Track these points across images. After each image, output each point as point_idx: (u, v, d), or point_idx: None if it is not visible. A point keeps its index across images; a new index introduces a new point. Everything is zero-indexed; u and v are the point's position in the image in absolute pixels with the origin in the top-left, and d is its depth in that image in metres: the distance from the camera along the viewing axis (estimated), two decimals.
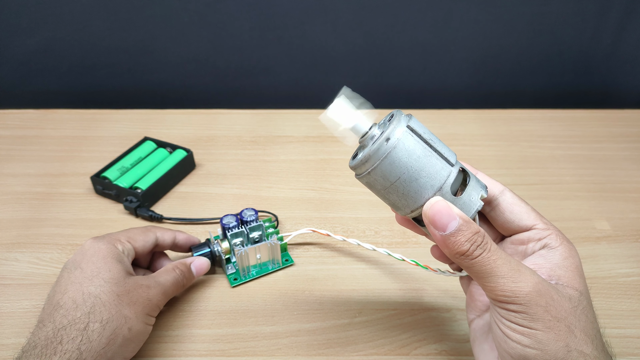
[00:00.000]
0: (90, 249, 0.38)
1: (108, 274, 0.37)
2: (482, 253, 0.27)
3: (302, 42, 0.71)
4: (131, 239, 0.41)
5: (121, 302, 0.36)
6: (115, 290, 0.36)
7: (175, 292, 0.41)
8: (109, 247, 0.39)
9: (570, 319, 0.27)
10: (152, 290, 0.38)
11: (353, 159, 0.30)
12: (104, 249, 0.38)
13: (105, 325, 0.34)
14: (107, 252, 0.38)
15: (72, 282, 0.36)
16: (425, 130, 0.29)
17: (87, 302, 0.35)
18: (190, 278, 0.43)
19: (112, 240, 0.40)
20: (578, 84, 0.75)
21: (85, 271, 0.37)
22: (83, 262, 0.37)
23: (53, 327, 0.33)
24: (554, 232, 0.31)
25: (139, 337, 0.37)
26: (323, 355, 0.40)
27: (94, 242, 0.39)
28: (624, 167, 0.60)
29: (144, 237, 0.42)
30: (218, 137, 0.64)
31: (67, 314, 0.34)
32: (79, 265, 0.37)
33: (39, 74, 0.72)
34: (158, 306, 0.39)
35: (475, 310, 0.33)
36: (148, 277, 0.39)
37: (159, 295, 0.39)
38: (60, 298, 0.35)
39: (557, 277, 0.29)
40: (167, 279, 0.40)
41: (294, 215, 0.53)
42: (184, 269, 0.42)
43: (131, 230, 0.42)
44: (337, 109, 0.29)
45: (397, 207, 0.30)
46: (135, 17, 0.68)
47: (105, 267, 0.37)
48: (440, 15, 0.68)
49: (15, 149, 0.61)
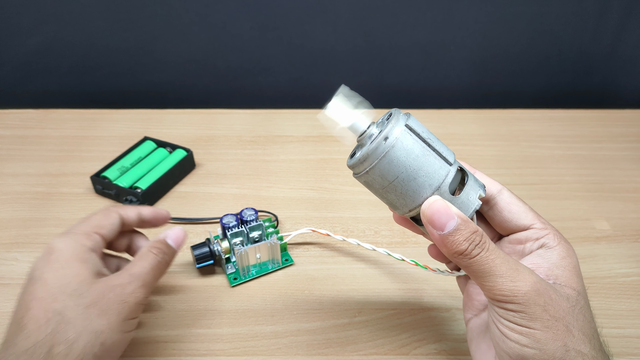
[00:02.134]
0: (54, 253, 0.34)
1: (72, 284, 0.32)
2: (480, 252, 0.27)
3: (302, 42, 0.71)
4: (96, 227, 0.36)
5: (89, 316, 0.32)
6: (81, 303, 0.32)
7: (158, 277, 0.37)
8: (73, 246, 0.34)
9: (569, 319, 0.27)
10: (128, 288, 0.34)
11: (351, 158, 0.30)
12: (67, 250, 0.34)
13: (72, 346, 0.31)
14: (71, 254, 0.34)
15: (35, 297, 0.32)
16: (424, 129, 0.29)
17: (51, 321, 0.31)
18: (171, 253, 0.38)
19: (76, 236, 0.35)
20: (578, 83, 0.75)
21: (48, 283, 0.32)
22: (46, 271, 0.33)
23: (15, 352, 0.30)
24: (552, 231, 0.31)
25: (116, 350, 0.33)
26: (323, 355, 0.40)
27: (57, 241, 0.35)
28: (624, 167, 0.60)
29: (109, 220, 0.37)
30: (218, 137, 0.64)
31: (29, 335, 0.30)
32: (42, 276, 0.33)
33: (40, 73, 0.72)
34: (138, 304, 0.34)
35: (472, 309, 0.33)
36: (121, 273, 0.35)
37: (138, 291, 0.34)
38: (22, 316, 0.31)
39: (554, 276, 0.29)
40: (144, 266, 0.35)
41: (293, 215, 0.53)
42: (160, 246, 0.37)
43: (93, 217, 0.37)
44: (335, 108, 0.29)
45: (395, 207, 0.30)
46: (136, 17, 0.68)
47: (69, 275, 0.33)
48: (440, 15, 0.68)
49: (15, 149, 0.62)
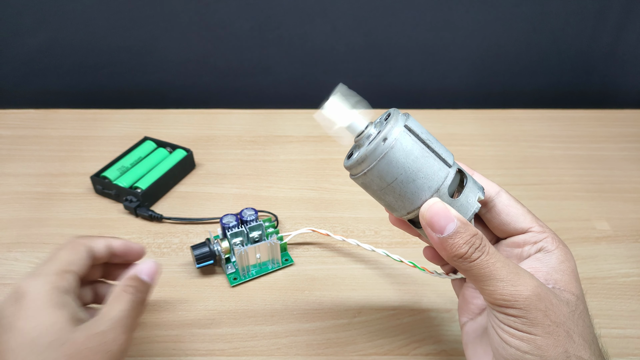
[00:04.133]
0: (25, 297, 0.30)
1: (50, 333, 0.29)
2: (480, 256, 0.27)
3: (302, 42, 0.71)
4: (67, 264, 0.33)
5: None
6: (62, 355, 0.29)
7: (137, 317, 0.33)
8: (46, 289, 0.31)
9: (569, 324, 0.26)
10: (109, 336, 0.30)
11: (348, 159, 0.29)
12: (40, 295, 0.30)
13: None
14: (45, 300, 0.30)
15: (9, 348, 0.29)
16: (423, 130, 0.28)
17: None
18: (146, 290, 0.34)
19: (48, 277, 0.32)
20: (577, 83, 0.75)
21: (23, 333, 0.29)
22: (18, 319, 0.30)
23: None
24: (550, 235, 0.30)
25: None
26: (322, 355, 0.40)
27: (27, 284, 0.31)
28: (624, 167, 0.60)
29: (78, 256, 0.34)
30: (218, 137, 0.64)
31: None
32: (14, 324, 0.29)
33: (40, 73, 0.72)
34: (122, 351, 0.31)
35: (468, 313, 0.33)
36: (99, 319, 0.31)
37: (120, 337, 0.31)
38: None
39: (554, 281, 0.29)
40: (121, 309, 0.32)
41: (293, 215, 0.53)
42: (134, 284, 0.33)
43: (60, 254, 0.33)
44: (332, 107, 0.28)
45: (392, 209, 0.29)
46: (136, 17, 0.68)
47: (45, 324, 0.30)
48: (440, 15, 0.68)
49: (15, 149, 0.62)
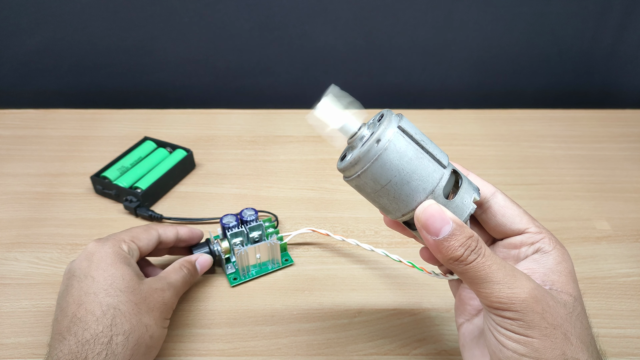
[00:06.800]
0: (97, 254, 0.37)
1: (122, 282, 0.36)
2: (476, 258, 0.26)
3: (302, 42, 0.71)
4: (135, 238, 0.40)
5: (140, 311, 0.35)
6: (132, 299, 0.35)
7: (184, 289, 0.41)
8: (115, 250, 0.38)
9: (566, 326, 0.26)
10: (167, 293, 0.38)
11: (341, 161, 0.29)
12: (110, 252, 0.37)
13: (129, 337, 0.34)
14: (115, 257, 0.37)
15: (86, 292, 0.35)
16: (417, 130, 0.28)
17: (107, 314, 0.34)
18: (195, 275, 0.43)
19: (116, 241, 0.39)
20: (578, 84, 0.75)
21: (98, 280, 0.35)
22: (92, 270, 0.36)
23: (76, 342, 0.32)
24: (547, 235, 0.30)
25: (159, 342, 0.37)
26: (323, 355, 0.40)
27: (98, 245, 0.38)
28: (624, 167, 0.60)
29: (147, 236, 0.41)
30: (218, 137, 0.64)
31: (88, 327, 0.33)
32: (89, 274, 0.36)
33: (39, 73, 0.72)
34: (172, 308, 0.39)
35: (464, 314, 0.33)
36: (159, 279, 0.39)
37: (173, 297, 0.39)
38: (76, 310, 0.34)
39: (551, 282, 0.28)
40: (177, 279, 0.40)
41: (293, 215, 0.53)
42: (190, 267, 0.42)
43: (133, 230, 0.41)
44: (324, 108, 0.27)
45: (387, 211, 0.29)
46: (135, 17, 0.68)
47: (117, 274, 0.36)
48: (440, 15, 0.68)
49: (15, 149, 0.62)
